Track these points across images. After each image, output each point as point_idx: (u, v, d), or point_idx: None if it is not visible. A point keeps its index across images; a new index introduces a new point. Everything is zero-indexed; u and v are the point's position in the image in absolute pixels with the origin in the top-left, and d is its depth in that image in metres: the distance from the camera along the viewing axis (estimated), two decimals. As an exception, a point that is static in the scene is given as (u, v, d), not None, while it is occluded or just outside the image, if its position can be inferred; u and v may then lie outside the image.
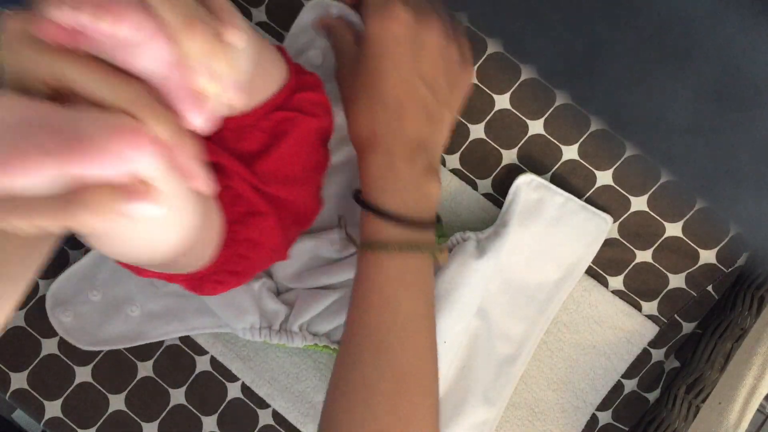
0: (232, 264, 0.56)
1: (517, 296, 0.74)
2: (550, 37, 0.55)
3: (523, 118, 0.72)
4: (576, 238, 0.73)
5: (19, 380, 0.74)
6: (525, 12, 0.56)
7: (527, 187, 0.72)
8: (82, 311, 0.74)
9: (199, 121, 0.37)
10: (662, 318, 0.74)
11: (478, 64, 0.71)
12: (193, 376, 0.75)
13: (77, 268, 0.74)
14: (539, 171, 0.73)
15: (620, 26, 0.48)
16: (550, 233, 0.72)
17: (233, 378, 0.75)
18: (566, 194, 0.72)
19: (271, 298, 0.70)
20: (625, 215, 0.73)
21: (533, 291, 0.74)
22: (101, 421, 0.75)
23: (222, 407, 0.75)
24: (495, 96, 0.72)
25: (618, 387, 0.75)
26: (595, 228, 0.73)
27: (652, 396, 0.75)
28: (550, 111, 0.72)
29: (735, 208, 0.51)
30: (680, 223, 0.72)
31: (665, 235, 0.72)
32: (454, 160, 0.73)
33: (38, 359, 0.74)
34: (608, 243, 0.73)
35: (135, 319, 0.74)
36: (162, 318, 0.74)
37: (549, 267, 0.73)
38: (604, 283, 0.74)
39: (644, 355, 0.74)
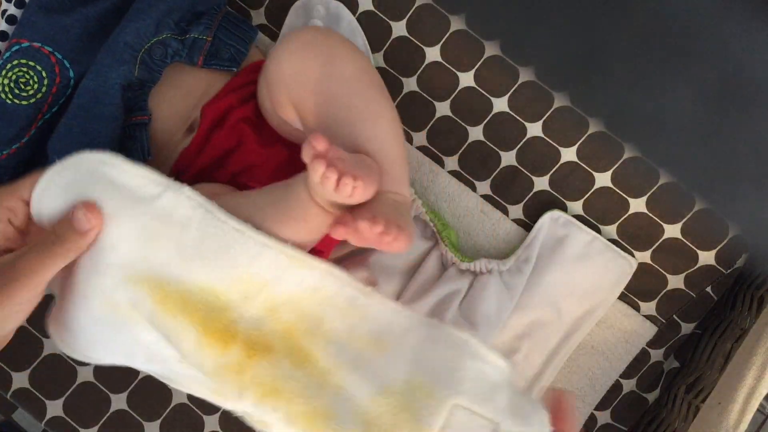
0: None
1: (537, 332, 0.74)
2: (549, 38, 0.55)
3: (522, 120, 0.73)
4: (600, 278, 0.73)
5: (20, 380, 0.74)
6: (524, 13, 0.56)
7: (554, 223, 0.73)
8: None
9: None
10: (661, 318, 0.74)
11: (475, 68, 0.72)
12: (195, 375, 0.75)
13: None
14: (537, 173, 0.73)
15: (620, 26, 0.48)
16: (575, 270, 0.72)
17: (234, 378, 0.75)
18: (592, 233, 0.72)
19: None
20: (624, 217, 0.73)
21: (554, 327, 0.73)
22: (103, 420, 0.75)
23: (224, 406, 0.76)
24: (493, 99, 0.72)
25: (617, 387, 0.75)
26: (620, 269, 0.73)
27: (651, 396, 0.75)
28: (548, 113, 0.72)
29: (735, 208, 0.51)
30: (679, 225, 0.72)
31: (664, 237, 0.73)
32: (453, 162, 0.74)
33: (40, 359, 0.74)
34: (608, 244, 0.74)
35: None
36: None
37: (570, 305, 0.72)
38: (604, 284, 0.75)
39: (643, 355, 0.75)
